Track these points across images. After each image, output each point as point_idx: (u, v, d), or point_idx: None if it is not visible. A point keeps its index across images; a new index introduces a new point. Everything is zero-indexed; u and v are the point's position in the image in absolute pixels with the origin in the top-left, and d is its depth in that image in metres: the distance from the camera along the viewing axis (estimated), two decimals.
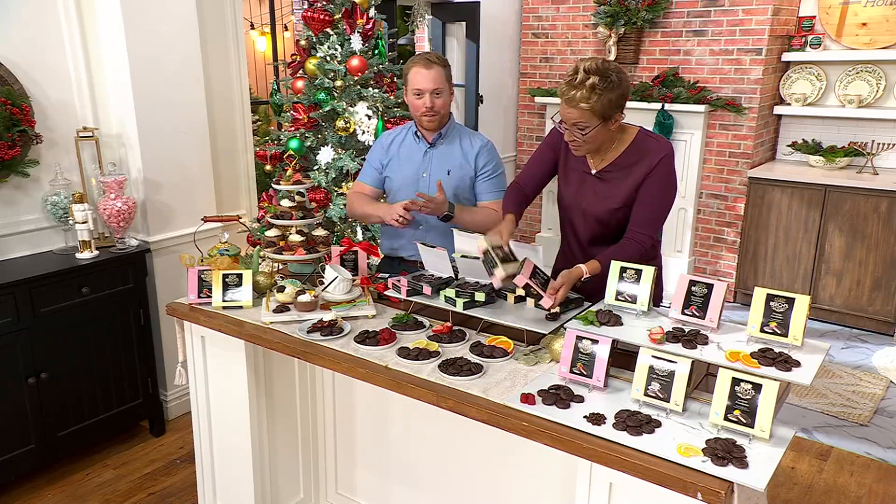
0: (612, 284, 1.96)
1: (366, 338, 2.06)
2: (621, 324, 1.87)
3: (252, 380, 2.38)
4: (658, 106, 4.99)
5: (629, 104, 2.16)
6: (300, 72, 3.59)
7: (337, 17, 3.45)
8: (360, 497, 2.64)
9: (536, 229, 6.08)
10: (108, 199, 3.09)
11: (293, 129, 3.51)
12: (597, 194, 2.24)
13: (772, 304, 1.72)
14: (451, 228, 2.41)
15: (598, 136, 2.09)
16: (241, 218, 3.44)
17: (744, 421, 1.53)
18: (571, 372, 1.77)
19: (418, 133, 2.65)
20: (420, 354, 1.95)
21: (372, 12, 3.53)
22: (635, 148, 2.17)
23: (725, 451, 1.47)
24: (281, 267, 2.67)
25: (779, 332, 1.71)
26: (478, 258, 2.21)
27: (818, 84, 4.93)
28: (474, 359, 1.94)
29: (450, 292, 2.16)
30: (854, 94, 4.75)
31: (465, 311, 2.11)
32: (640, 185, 2.15)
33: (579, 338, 1.77)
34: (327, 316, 2.17)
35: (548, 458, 1.89)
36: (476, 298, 2.13)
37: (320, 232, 2.59)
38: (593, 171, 2.24)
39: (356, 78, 3.42)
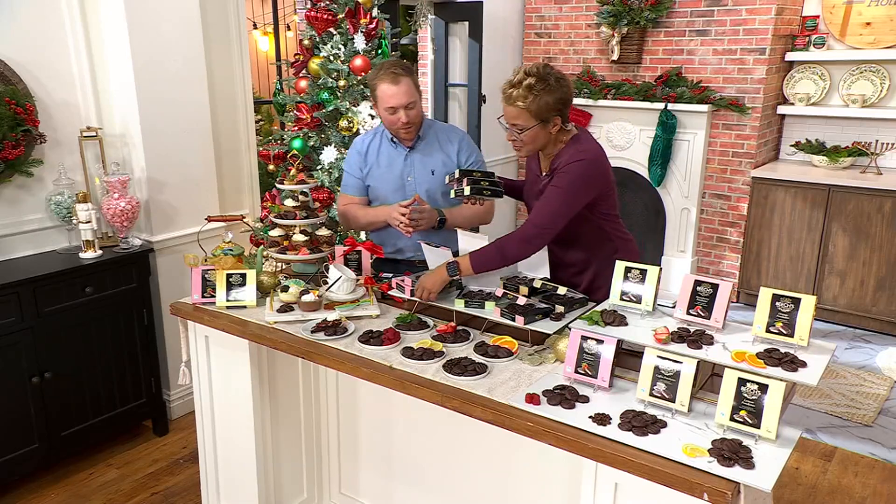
0: (617, 284, 1.95)
1: (370, 337, 2.06)
2: (626, 324, 1.87)
3: (256, 379, 2.38)
4: (661, 106, 4.98)
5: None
6: (303, 71, 3.59)
7: (340, 16, 3.44)
8: (363, 497, 2.64)
9: None
10: (112, 199, 3.09)
11: (296, 128, 3.51)
12: (540, 196, 2.29)
13: (778, 304, 1.71)
14: (455, 228, 2.40)
15: (536, 137, 2.16)
16: (244, 217, 3.45)
17: (750, 421, 1.53)
18: (576, 372, 1.77)
19: (395, 139, 2.61)
20: (424, 354, 1.95)
21: (375, 12, 3.53)
22: (562, 152, 2.22)
23: (732, 452, 1.47)
24: (284, 266, 2.67)
25: (784, 332, 1.70)
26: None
27: (822, 84, 4.92)
28: (479, 359, 1.94)
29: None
30: (858, 94, 4.73)
31: (468, 311, 2.12)
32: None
33: (584, 338, 1.77)
34: (331, 316, 2.17)
35: (553, 458, 1.88)
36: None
37: (324, 231, 2.59)
38: (543, 174, 2.30)
39: (359, 77, 3.41)
